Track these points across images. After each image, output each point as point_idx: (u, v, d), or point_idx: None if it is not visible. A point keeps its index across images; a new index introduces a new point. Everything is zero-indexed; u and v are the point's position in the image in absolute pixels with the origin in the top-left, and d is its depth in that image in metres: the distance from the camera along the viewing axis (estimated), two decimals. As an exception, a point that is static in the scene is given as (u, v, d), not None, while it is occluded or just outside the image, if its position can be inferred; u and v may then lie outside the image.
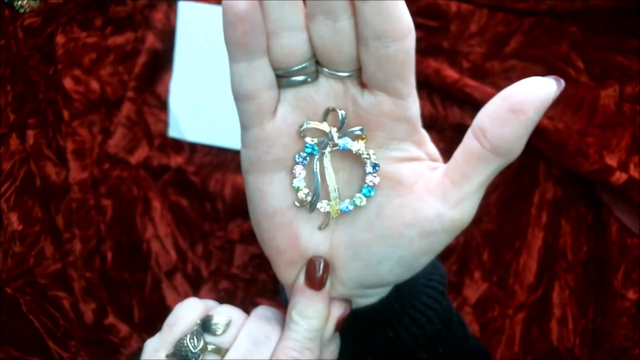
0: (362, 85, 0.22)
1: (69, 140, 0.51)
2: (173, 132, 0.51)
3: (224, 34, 0.20)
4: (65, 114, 0.51)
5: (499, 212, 0.51)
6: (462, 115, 0.49)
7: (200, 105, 0.51)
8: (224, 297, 0.51)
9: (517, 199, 0.51)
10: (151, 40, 0.50)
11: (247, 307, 0.53)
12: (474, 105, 0.48)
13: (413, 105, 0.22)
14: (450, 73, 0.47)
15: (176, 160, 0.51)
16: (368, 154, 0.23)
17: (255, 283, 0.51)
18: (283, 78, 0.22)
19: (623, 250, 0.47)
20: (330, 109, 0.22)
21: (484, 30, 0.48)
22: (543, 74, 0.54)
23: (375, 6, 0.19)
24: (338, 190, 0.24)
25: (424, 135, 0.24)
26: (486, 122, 0.21)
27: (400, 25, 0.20)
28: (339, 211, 0.23)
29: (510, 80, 0.49)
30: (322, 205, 0.24)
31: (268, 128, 0.22)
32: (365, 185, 0.23)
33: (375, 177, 0.23)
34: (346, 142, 0.23)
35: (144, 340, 0.25)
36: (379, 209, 0.23)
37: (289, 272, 0.25)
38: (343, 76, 0.22)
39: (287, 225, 0.24)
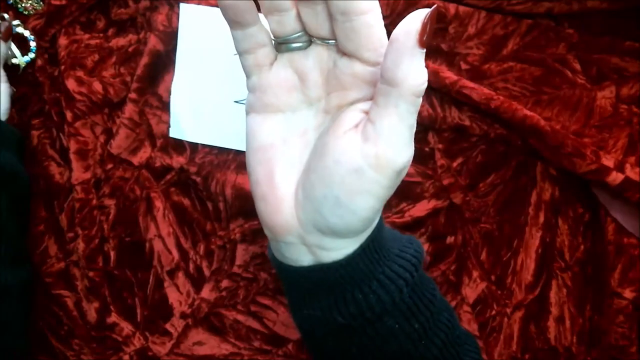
0: (342, 52, 0.26)
1: (72, 141, 0.51)
2: (174, 133, 0.51)
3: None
4: (68, 115, 0.51)
5: (497, 212, 0.51)
6: (461, 116, 0.49)
7: (201, 106, 0.51)
8: (225, 295, 0.52)
9: (514, 199, 0.51)
10: (153, 42, 0.50)
11: (248, 305, 0.53)
12: (472, 106, 0.48)
13: None
14: (449, 74, 0.47)
15: (178, 161, 0.51)
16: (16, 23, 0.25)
17: (256, 282, 0.52)
18: (281, 44, 0.27)
19: (620, 250, 0.48)
20: None
21: (482, 32, 0.48)
22: (540, 76, 0.54)
23: None
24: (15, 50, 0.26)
25: None
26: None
27: (359, 4, 0.24)
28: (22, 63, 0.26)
29: (507, 82, 0.49)
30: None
31: (264, 78, 0.28)
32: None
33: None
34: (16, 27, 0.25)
35: (146, 339, 0.25)
36: (321, 150, 0.26)
37: (261, 205, 0.28)
38: (330, 43, 0.26)
39: (267, 161, 0.28)
